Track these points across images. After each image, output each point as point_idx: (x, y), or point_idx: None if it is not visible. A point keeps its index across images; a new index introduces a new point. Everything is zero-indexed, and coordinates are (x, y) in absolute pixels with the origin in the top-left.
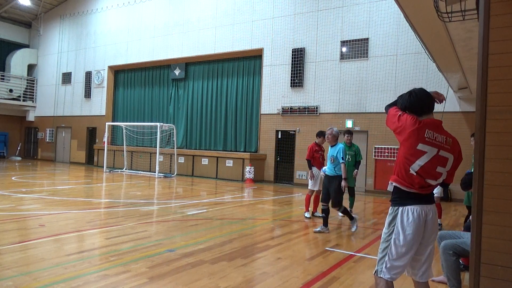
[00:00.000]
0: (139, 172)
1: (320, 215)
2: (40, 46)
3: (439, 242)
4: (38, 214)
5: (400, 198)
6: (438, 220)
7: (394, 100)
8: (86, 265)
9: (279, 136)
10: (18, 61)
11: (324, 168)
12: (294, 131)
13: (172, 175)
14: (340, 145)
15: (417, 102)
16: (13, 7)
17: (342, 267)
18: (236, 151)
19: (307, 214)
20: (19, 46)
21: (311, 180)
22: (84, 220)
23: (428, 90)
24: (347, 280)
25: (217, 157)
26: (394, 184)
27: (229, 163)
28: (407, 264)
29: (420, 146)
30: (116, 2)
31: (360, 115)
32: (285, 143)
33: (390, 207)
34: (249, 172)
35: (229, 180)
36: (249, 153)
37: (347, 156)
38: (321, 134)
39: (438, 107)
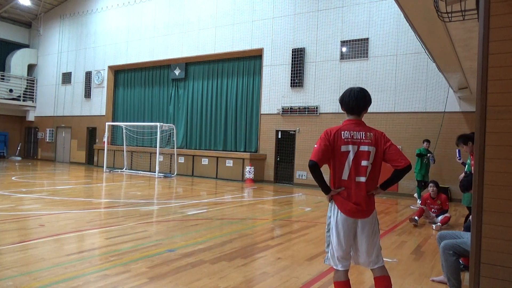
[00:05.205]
0: (139, 172)
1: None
2: (40, 46)
3: (439, 242)
4: (38, 214)
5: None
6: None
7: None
8: (86, 265)
9: (279, 136)
10: (18, 61)
11: None
12: (294, 131)
13: (172, 175)
14: None
15: (343, 101)
16: (13, 7)
17: None
18: (236, 151)
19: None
20: (19, 46)
21: None
22: (84, 220)
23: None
24: None
25: (217, 157)
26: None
27: (229, 163)
28: (347, 253)
29: (344, 148)
30: (116, 2)
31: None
32: (285, 143)
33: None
34: (249, 172)
35: (229, 180)
36: (249, 153)
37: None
38: None
39: (439, 107)
